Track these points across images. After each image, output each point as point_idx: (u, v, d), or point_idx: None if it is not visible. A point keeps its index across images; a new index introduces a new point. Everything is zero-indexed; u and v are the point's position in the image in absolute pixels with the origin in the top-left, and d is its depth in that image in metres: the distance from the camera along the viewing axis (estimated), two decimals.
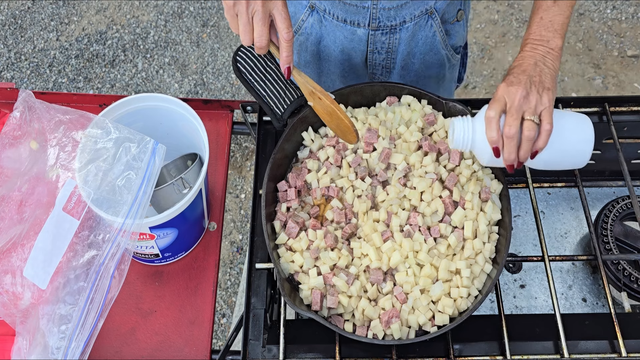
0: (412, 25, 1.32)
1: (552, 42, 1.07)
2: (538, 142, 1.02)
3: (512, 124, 1.00)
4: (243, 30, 1.01)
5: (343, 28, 1.33)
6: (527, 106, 1.00)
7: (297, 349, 1.12)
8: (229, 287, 2.48)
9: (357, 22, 1.31)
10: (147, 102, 1.19)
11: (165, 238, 1.15)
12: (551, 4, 1.09)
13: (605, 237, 1.29)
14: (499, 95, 1.02)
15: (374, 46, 1.35)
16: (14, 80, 3.05)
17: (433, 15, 1.31)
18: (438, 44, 1.38)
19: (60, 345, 1.01)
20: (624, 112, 1.35)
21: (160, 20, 3.21)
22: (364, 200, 1.15)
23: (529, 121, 1.00)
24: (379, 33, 1.32)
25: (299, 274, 1.12)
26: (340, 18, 1.31)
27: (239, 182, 2.73)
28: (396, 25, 1.31)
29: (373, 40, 1.34)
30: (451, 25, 1.39)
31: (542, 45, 1.07)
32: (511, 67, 1.07)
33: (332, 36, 1.36)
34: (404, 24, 1.31)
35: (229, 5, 0.99)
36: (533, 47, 1.07)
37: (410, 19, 1.30)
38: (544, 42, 1.07)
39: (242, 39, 1.02)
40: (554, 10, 1.08)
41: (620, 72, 2.97)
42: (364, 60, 1.40)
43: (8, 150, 1.15)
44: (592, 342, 1.11)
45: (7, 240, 1.09)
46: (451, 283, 1.09)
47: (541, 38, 1.07)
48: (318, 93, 1.11)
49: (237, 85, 3.01)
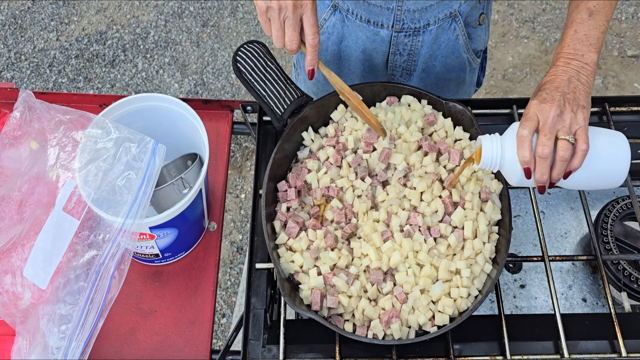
0: (436, 28, 1.31)
1: (586, 56, 1.01)
2: (573, 162, 0.97)
3: (545, 144, 0.95)
4: (275, 35, 1.06)
5: (366, 29, 1.33)
6: (561, 125, 0.96)
7: (297, 349, 1.12)
8: (229, 287, 2.48)
9: (381, 23, 1.30)
10: (147, 102, 1.19)
11: (165, 238, 1.15)
12: (586, 17, 1.03)
13: (605, 237, 1.29)
14: (531, 113, 0.97)
15: (396, 48, 1.35)
16: (14, 80, 3.05)
17: (457, 18, 1.31)
18: (460, 48, 1.38)
19: (60, 345, 1.01)
20: (624, 112, 1.35)
21: (160, 20, 3.21)
22: (364, 200, 1.15)
23: (564, 141, 0.95)
24: (402, 35, 1.32)
25: (299, 274, 1.12)
26: (363, 18, 1.31)
27: (239, 182, 2.73)
28: (420, 27, 1.30)
29: (396, 42, 1.34)
30: (473, 29, 1.38)
31: (576, 59, 1.02)
32: (543, 82, 1.02)
33: (354, 36, 1.36)
34: (428, 26, 1.30)
35: (262, 10, 1.04)
36: (566, 61, 1.02)
37: (435, 22, 1.30)
38: (579, 56, 1.02)
39: (275, 43, 1.07)
40: (589, 23, 1.03)
41: (620, 72, 2.97)
42: (385, 62, 1.40)
43: (8, 150, 1.15)
44: (592, 342, 1.11)
45: (7, 240, 1.09)
46: (451, 283, 1.09)
47: (575, 52, 1.02)
48: (346, 94, 1.15)
49: (237, 85, 3.01)
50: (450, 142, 1.21)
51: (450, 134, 1.22)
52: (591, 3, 1.04)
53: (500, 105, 1.36)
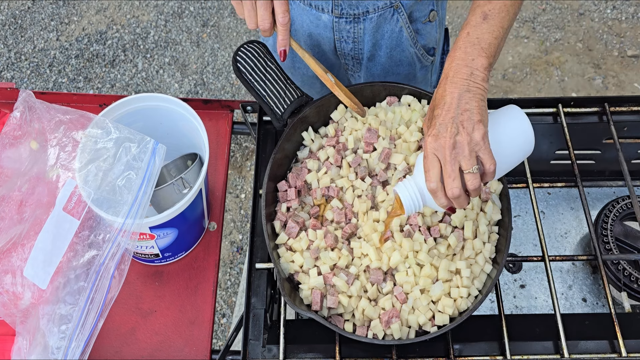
0: (377, 16, 1.31)
1: (476, 60, 0.97)
2: (485, 178, 0.96)
3: (453, 186, 0.92)
4: (248, 15, 1.07)
5: (309, 12, 1.34)
6: (461, 156, 0.92)
7: (297, 349, 1.12)
8: (229, 287, 2.48)
9: (322, 8, 1.31)
10: (147, 102, 1.19)
11: (165, 238, 1.15)
12: (480, 21, 1.00)
13: (605, 237, 1.29)
14: (430, 157, 0.94)
15: (340, 34, 1.36)
16: (14, 80, 3.05)
17: (399, 10, 1.30)
18: (406, 41, 1.37)
19: (60, 345, 1.01)
20: (624, 112, 1.35)
21: (160, 20, 3.21)
22: (364, 200, 1.15)
23: (469, 174, 0.93)
24: (343, 21, 1.32)
25: (299, 273, 1.12)
26: (306, 2, 1.32)
27: (239, 182, 2.73)
28: (359, 14, 1.31)
29: (338, 27, 1.34)
30: (423, 25, 1.37)
31: (466, 65, 0.97)
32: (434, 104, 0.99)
33: (299, 20, 1.37)
34: (367, 14, 1.30)
35: None
36: (457, 70, 0.97)
37: (374, 10, 1.30)
38: (469, 60, 0.97)
39: (248, 23, 1.08)
40: (483, 27, 1.00)
41: (620, 72, 2.97)
42: (334, 49, 1.41)
43: (8, 150, 1.15)
44: (592, 342, 1.11)
45: (8, 240, 1.09)
46: (451, 283, 1.09)
47: (466, 56, 0.98)
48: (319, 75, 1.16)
49: (237, 85, 3.01)
50: None
51: None
52: (487, 7, 1.01)
53: (500, 105, 1.35)
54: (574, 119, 1.35)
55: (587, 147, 1.42)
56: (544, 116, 1.36)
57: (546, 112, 1.36)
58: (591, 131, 1.38)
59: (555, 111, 1.35)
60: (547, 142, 1.41)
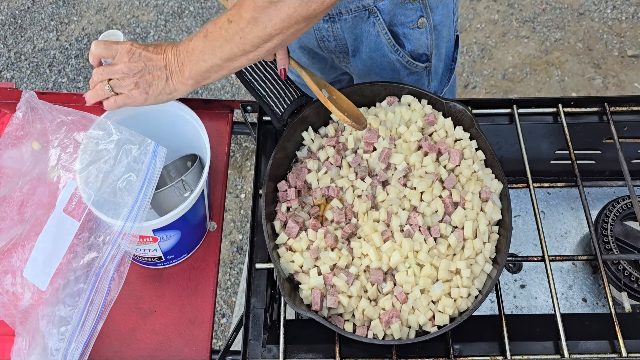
0: (351, 18, 1.31)
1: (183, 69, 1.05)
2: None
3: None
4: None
5: None
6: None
7: (297, 349, 1.12)
8: (229, 287, 2.48)
9: None
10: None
11: (168, 240, 1.15)
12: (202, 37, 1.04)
13: (606, 237, 1.29)
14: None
15: (320, 33, 1.36)
16: (14, 80, 3.05)
17: (375, 14, 1.29)
18: (384, 47, 1.35)
19: (59, 346, 1.01)
20: (624, 112, 1.35)
21: (160, 20, 3.21)
22: (364, 200, 1.15)
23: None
24: (320, 20, 1.32)
25: (299, 274, 1.12)
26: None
27: (239, 182, 2.73)
28: (333, 15, 1.30)
29: (317, 26, 1.34)
30: (410, 30, 1.34)
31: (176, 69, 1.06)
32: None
33: None
34: (341, 15, 1.30)
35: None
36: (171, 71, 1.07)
37: (347, 12, 1.29)
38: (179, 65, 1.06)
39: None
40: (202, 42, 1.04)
41: (621, 72, 2.97)
42: (318, 46, 1.41)
43: (10, 150, 1.15)
44: (592, 342, 1.11)
45: (8, 240, 1.09)
46: (451, 283, 1.09)
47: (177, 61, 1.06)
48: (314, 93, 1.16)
49: (237, 85, 3.01)
50: (451, 142, 1.21)
51: (450, 133, 1.22)
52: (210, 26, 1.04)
53: (500, 105, 1.36)
54: (574, 119, 1.35)
55: (587, 147, 1.42)
56: (544, 116, 1.36)
57: (546, 112, 1.36)
58: (591, 131, 1.38)
59: (555, 111, 1.35)
60: (547, 142, 1.41)
